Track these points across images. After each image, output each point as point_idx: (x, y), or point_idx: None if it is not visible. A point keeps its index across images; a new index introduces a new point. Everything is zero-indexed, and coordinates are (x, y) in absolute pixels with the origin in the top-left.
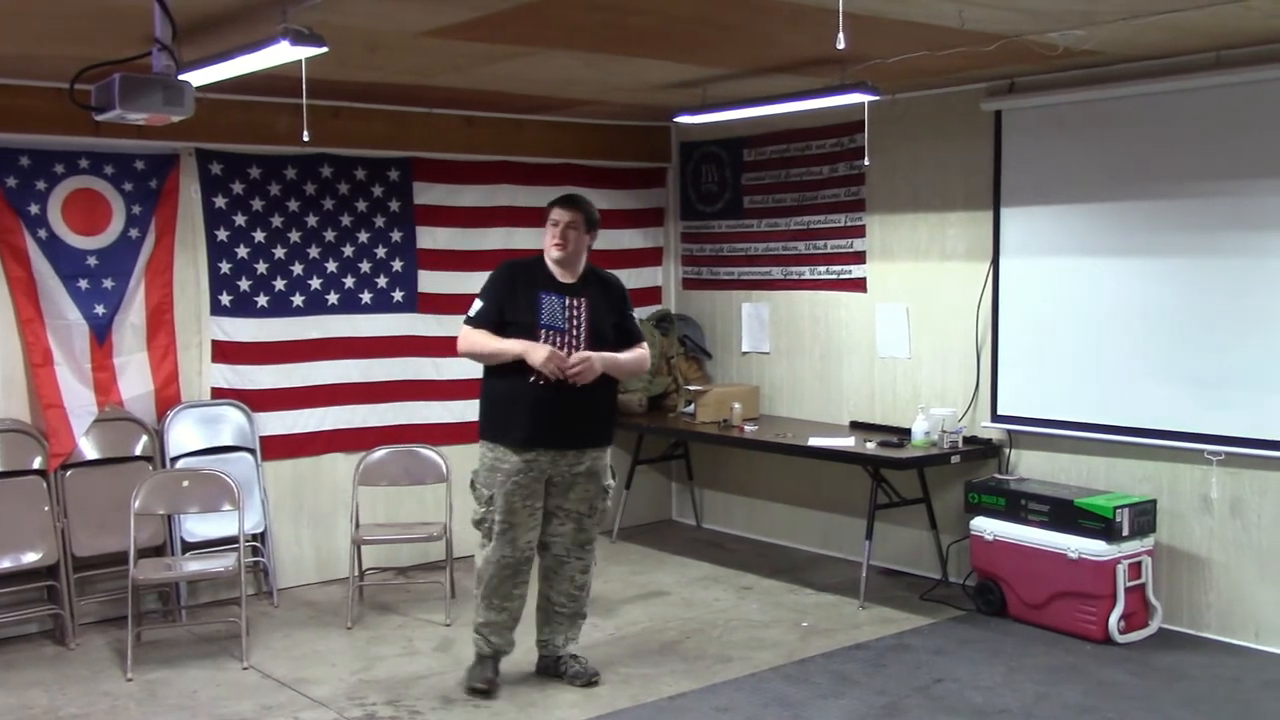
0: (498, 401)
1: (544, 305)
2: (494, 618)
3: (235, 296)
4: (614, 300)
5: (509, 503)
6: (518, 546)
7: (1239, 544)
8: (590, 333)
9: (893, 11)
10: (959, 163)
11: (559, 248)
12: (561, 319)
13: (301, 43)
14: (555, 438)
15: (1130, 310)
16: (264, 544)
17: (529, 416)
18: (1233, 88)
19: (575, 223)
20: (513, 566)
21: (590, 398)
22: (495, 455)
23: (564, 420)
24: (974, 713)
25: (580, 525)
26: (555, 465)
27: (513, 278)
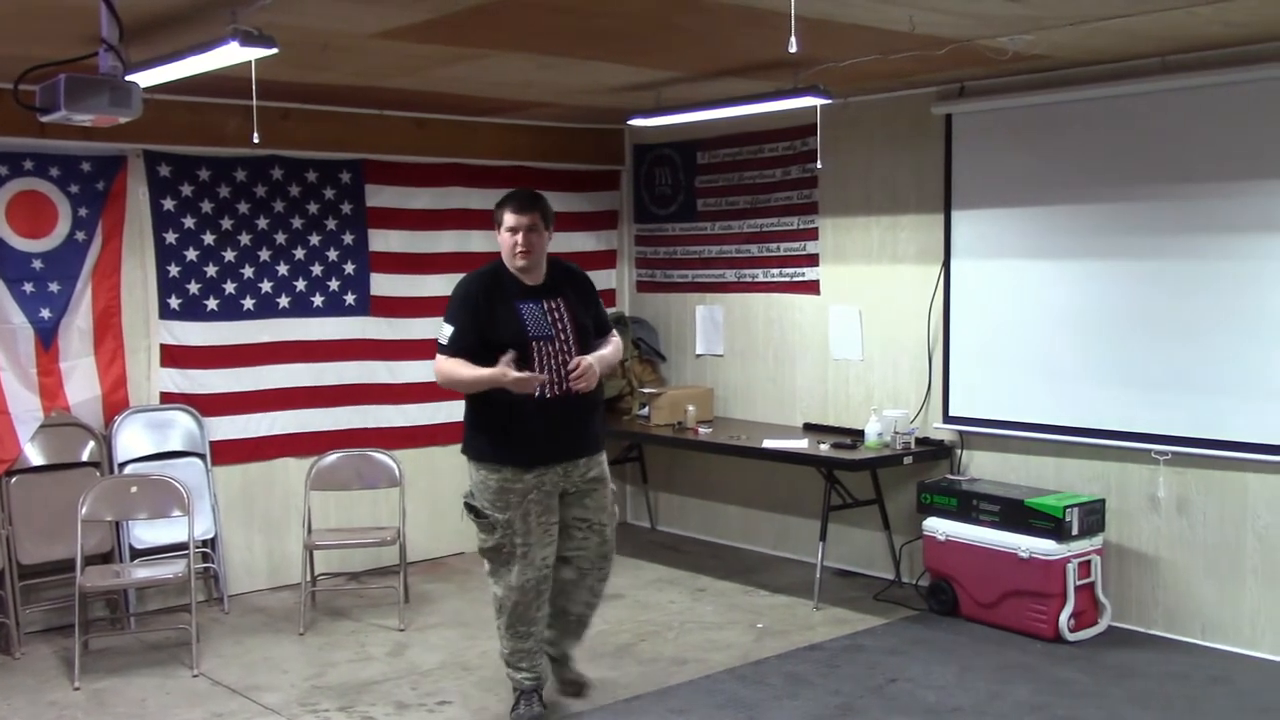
0: (497, 422)
1: (525, 316)
2: (521, 645)
3: (184, 300)
4: (585, 294)
5: (525, 524)
6: (537, 565)
7: (1186, 542)
8: (577, 334)
9: (844, 15)
10: (910, 166)
11: (524, 255)
12: (547, 325)
13: (251, 44)
14: (564, 450)
15: (1079, 312)
16: (214, 550)
17: (535, 433)
18: (1179, 93)
19: (535, 224)
20: (535, 588)
21: (589, 402)
22: (502, 477)
23: (570, 430)
24: (927, 712)
25: (602, 536)
26: (568, 477)
27: (480, 293)
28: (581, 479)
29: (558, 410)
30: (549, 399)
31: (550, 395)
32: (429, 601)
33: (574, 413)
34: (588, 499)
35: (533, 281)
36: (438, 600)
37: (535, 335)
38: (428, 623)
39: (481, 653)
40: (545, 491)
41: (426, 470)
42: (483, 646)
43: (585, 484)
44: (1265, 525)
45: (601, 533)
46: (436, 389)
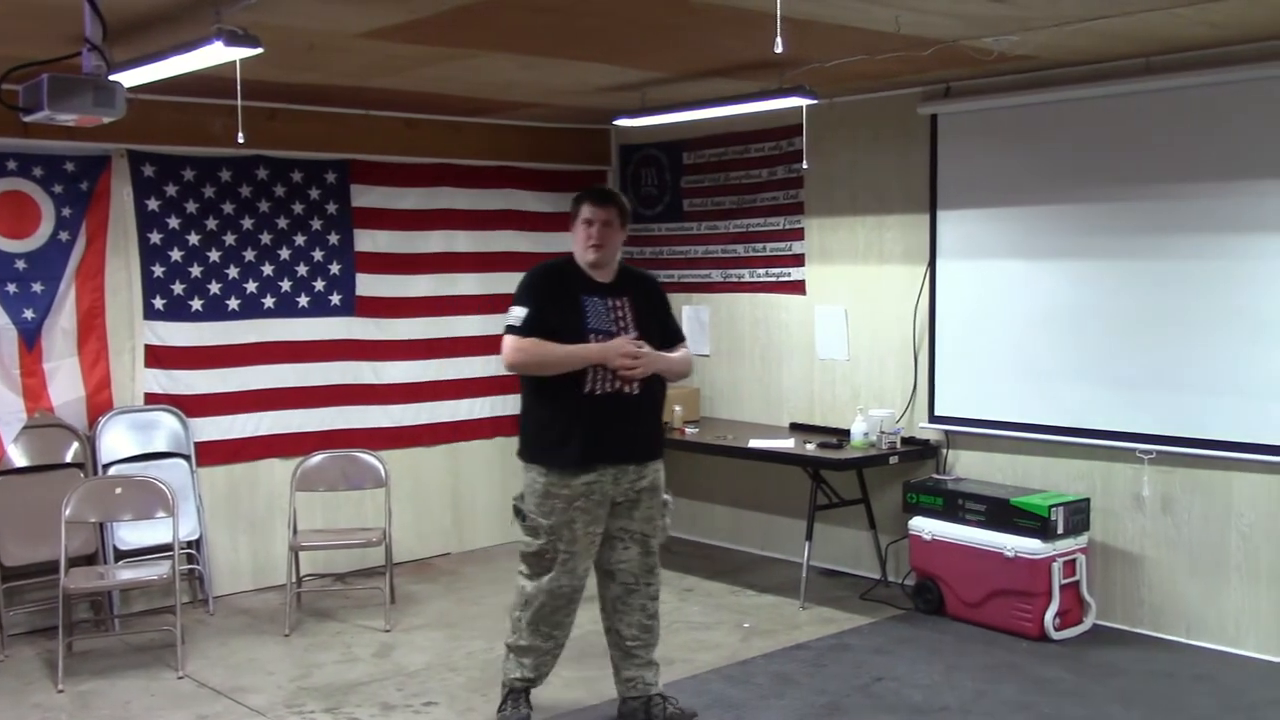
0: (548, 420)
1: (588, 309)
2: (540, 644)
3: (169, 300)
4: (654, 299)
5: (571, 531)
6: (577, 575)
7: (1170, 541)
8: (638, 333)
9: (830, 16)
10: (896, 166)
11: (596, 249)
12: (608, 322)
13: (236, 43)
14: (616, 453)
15: (1064, 312)
16: (199, 551)
17: (586, 432)
18: (1162, 93)
19: (611, 220)
20: (568, 596)
21: (646, 404)
22: (549, 480)
23: (623, 432)
24: (913, 711)
25: (646, 548)
26: (617, 484)
27: (550, 281)
28: (631, 487)
29: (610, 408)
30: (600, 395)
31: (601, 392)
32: (415, 602)
33: (628, 413)
34: (635, 509)
35: (602, 279)
36: (424, 601)
37: (594, 329)
38: (413, 624)
39: (468, 654)
40: (594, 500)
41: (412, 471)
42: (469, 647)
43: (635, 493)
44: (1249, 524)
45: (645, 544)
46: (423, 390)
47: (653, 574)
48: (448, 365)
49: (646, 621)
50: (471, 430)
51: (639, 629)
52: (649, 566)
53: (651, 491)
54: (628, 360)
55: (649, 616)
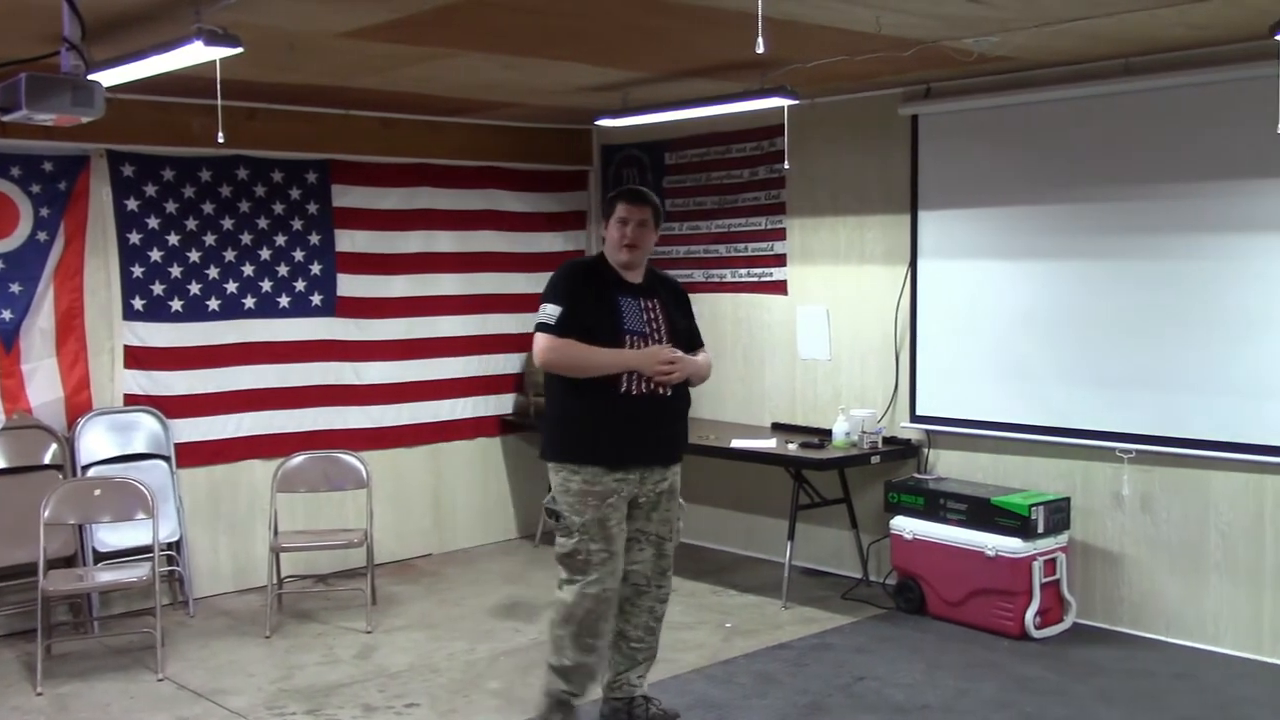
0: (584, 418)
1: (624, 310)
2: (584, 659)
3: (149, 301)
4: (681, 302)
5: (605, 529)
6: (616, 575)
7: (1150, 539)
8: (671, 336)
9: (811, 16)
10: (877, 166)
11: (630, 249)
12: (642, 324)
13: (216, 43)
14: (648, 454)
15: (1044, 312)
16: (179, 553)
17: (622, 431)
18: (1141, 94)
19: (646, 220)
20: (610, 600)
21: (678, 406)
22: (584, 477)
23: (656, 433)
24: (895, 710)
25: (660, 550)
26: (642, 484)
27: (584, 279)
28: (654, 489)
29: (646, 409)
30: (634, 395)
31: (637, 392)
32: (396, 603)
33: (664, 415)
34: (654, 511)
35: (633, 279)
36: (405, 602)
37: (631, 330)
38: (395, 625)
39: (449, 655)
40: (623, 497)
41: (393, 472)
42: (450, 648)
43: (656, 495)
44: (1228, 522)
45: (660, 547)
46: (404, 390)
47: (665, 576)
48: (429, 366)
49: (652, 624)
50: (453, 431)
51: (644, 630)
52: (662, 569)
53: (671, 494)
54: (665, 368)
55: (656, 619)
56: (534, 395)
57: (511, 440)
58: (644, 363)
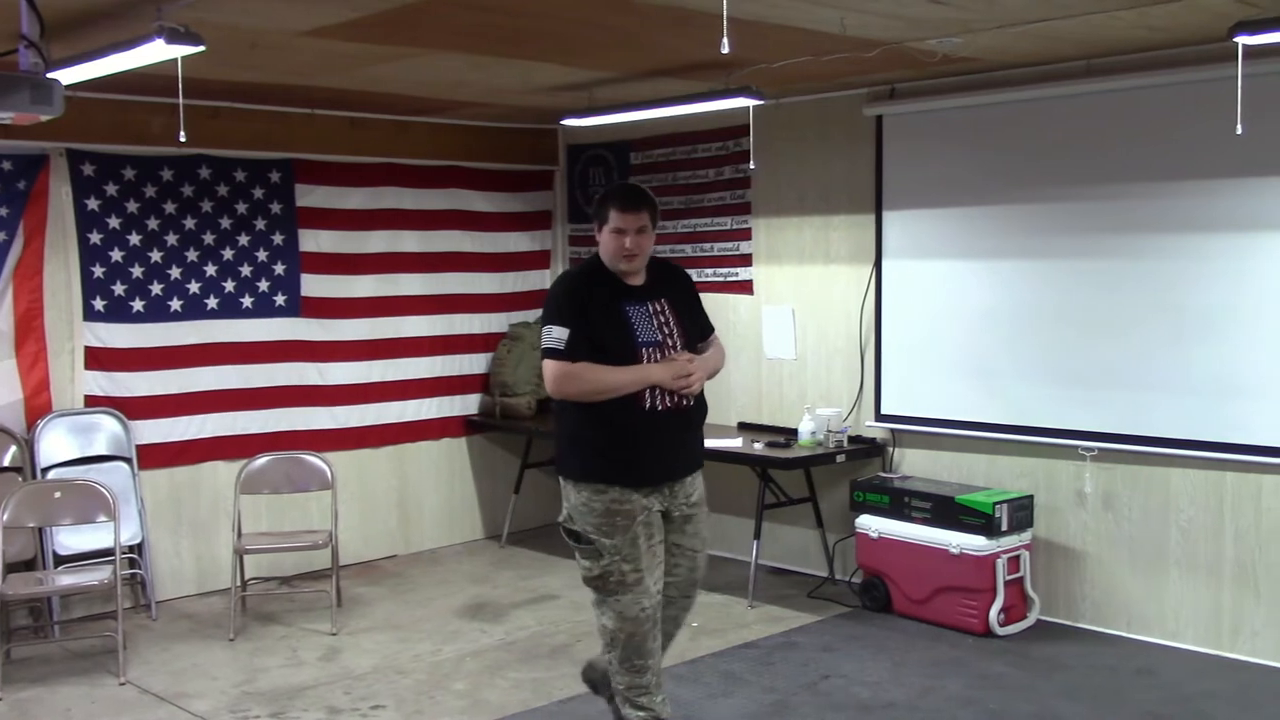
0: (608, 436)
1: (634, 320)
2: (638, 680)
3: (110, 301)
4: (687, 294)
5: (634, 549)
6: (651, 593)
7: (1111, 537)
8: (685, 339)
9: (776, 17)
10: (842, 167)
11: (630, 258)
12: (654, 330)
13: (177, 41)
14: (673, 467)
15: (1007, 311)
16: (141, 555)
17: (650, 448)
18: (1103, 95)
19: (645, 225)
20: (650, 617)
21: (700, 415)
22: (612, 497)
23: (679, 445)
24: (860, 708)
25: (694, 563)
26: (673, 498)
27: (586, 294)
28: (686, 501)
29: (670, 422)
30: (659, 410)
31: (662, 407)
32: (362, 605)
33: (687, 425)
34: (688, 524)
35: (635, 282)
36: (371, 603)
37: (645, 342)
38: (360, 626)
39: (415, 656)
40: (654, 512)
41: (358, 473)
42: (416, 650)
43: (689, 507)
44: (1188, 519)
45: (694, 559)
46: (368, 391)
47: (694, 588)
48: (394, 366)
49: (671, 630)
50: (418, 431)
51: (665, 638)
52: (693, 581)
53: (700, 504)
54: (686, 380)
55: (675, 626)
56: (500, 395)
57: (477, 440)
58: (665, 377)
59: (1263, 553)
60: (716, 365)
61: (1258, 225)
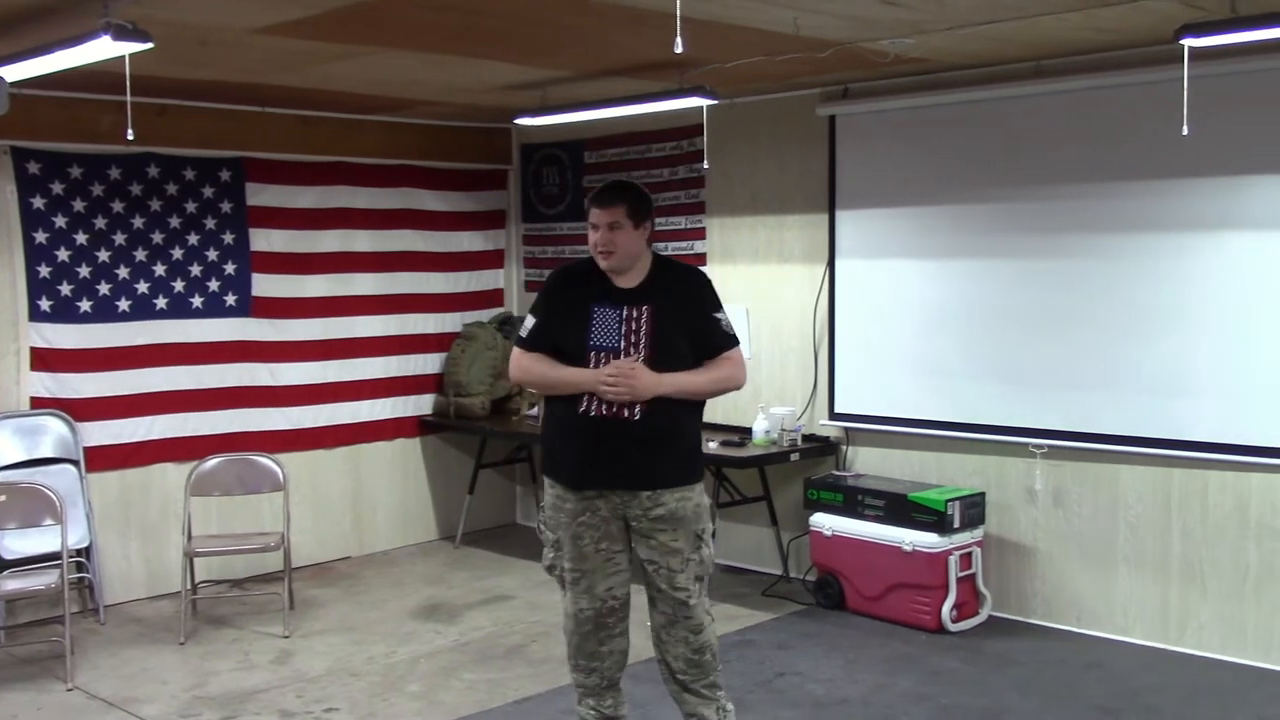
0: (552, 432)
1: (595, 321)
2: (583, 680)
3: (56, 301)
4: (687, 306)
5: (577, 547)
6: (595, 595)
7: (1061, 533)
8: (653, 348)
9: (729, 17)
10: (796, 166)
11: (604, 256)
12: (616, 336)
13: (124, 38)
14: (611, 477)
15: (959, 310)
16: (89, 559)
17: (579, 450)
18: (1052, 96)
19: (618, 220)
20: (593, 620)
21: (659, 427)
22: (556, 493)
23: (619, 456)
24: (815, 704)
25: (673, 582)
26: (629, 507)
27: (562, 289)
28: (645, 514)
29: (604, 431)
30: (592, 415)
31: (595, 413)
32: (315, 607)
33: (625, 437)
34: (652, 539)
35: (626, 284)
36: (324, 605)
37: (596, 345)
38: (313, 629)
39: (369, 658)
40: (601, 516)
41: (311, 474)
42: (370, 652)
43: (650, 521)
44: (1136, 515)
45: (672, 578)
46: (321, 391)
47: (685, 608)
48: (347, 366)
49: (692, 655)
50: (372, 432)
51: (685, 662)
52: (680, 599)
53: (672, 521)
54: (606, 387)
55: (695, 651)
56: (454, 395)
57: (431, 441)
58: (590, 381)
59: (1209, 548)
60: (690, 386)
61: (1203, 225)
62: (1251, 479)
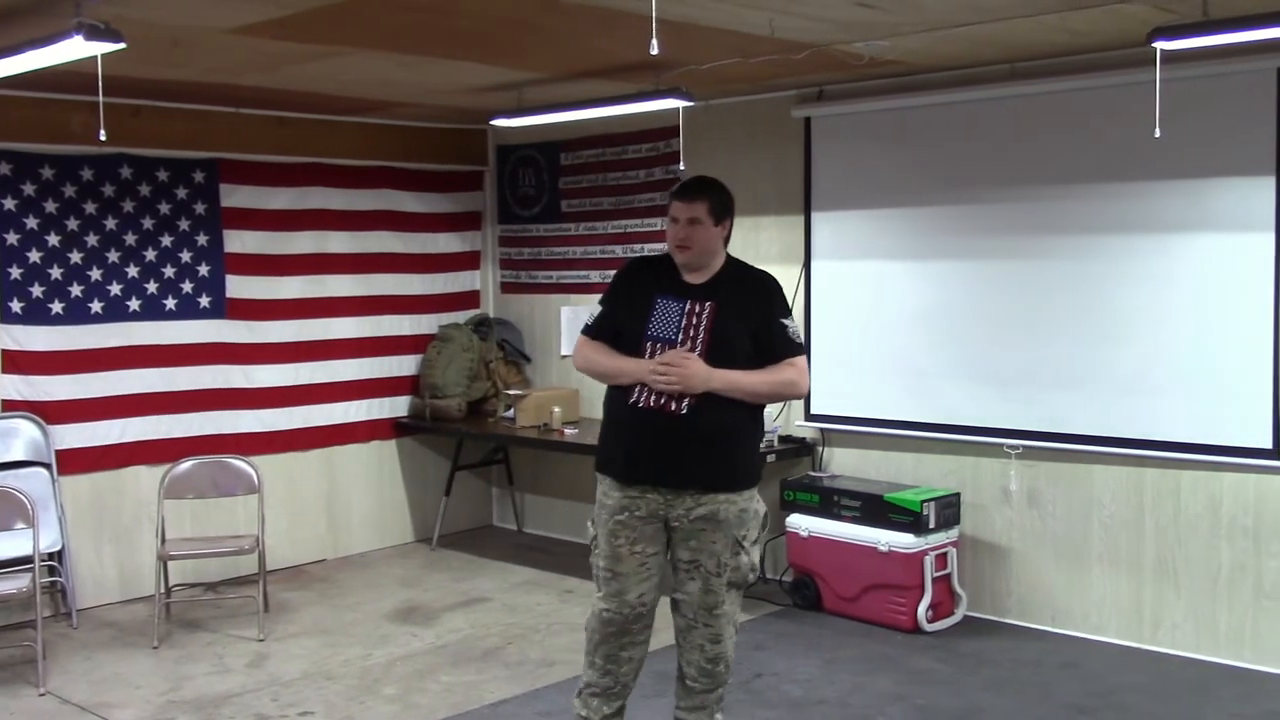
0: (605, 425)
1: (657, 312)
2: (596, 679)
3: (27, 303)
4: (756, 305)
5: (611, 546)
6: (625, 601)
7: (1036, 533)
8: (710, 344)
9: (705, 19)
10: (771, 168)
11: (681, 250)
12: (675, 328)
13: (96, 38)
14: (658, 474)
15: (934, 311)
16: (61, 563)
17: (628, 446)
18: (1026, 98)
19: (699, 216)
20: (619, 624)
21: (708, 425)
22: (602, 489)
23: (668, 452)
24: (792, 705)
25: (707, 585)
26: (671, 507)
27: (632, 279)
28: (687, 515)
29: (655, 424)
30: (640, 407)
31: (643, 404)
32: (290, 610)
33: (678, 433)
34: (693, 540)
35: (695, 280)
36: (299, 609)
37: (653, 335)
38: (288, 632)
39: (344, 661)
40: (639, 517)
41: (286, 476)
42: (346, 654)
43: (690, 522)
44: (1110, 515)
45: (707, 581)
46: (296, 393)
47: (713, 614)
48: (322, 368)
49: (705, 664)
50: (347, 434)
51: (697, 670)
52: (709, 605)
53: (712, 523)
54: (656, 376)
55: (709, 660)
56: (429, 397)
57: (407, 443)
58: (641, 370)
59: (1182, 547)
60: (746, 385)
61: (1175, 227)
62: (1223, 478)
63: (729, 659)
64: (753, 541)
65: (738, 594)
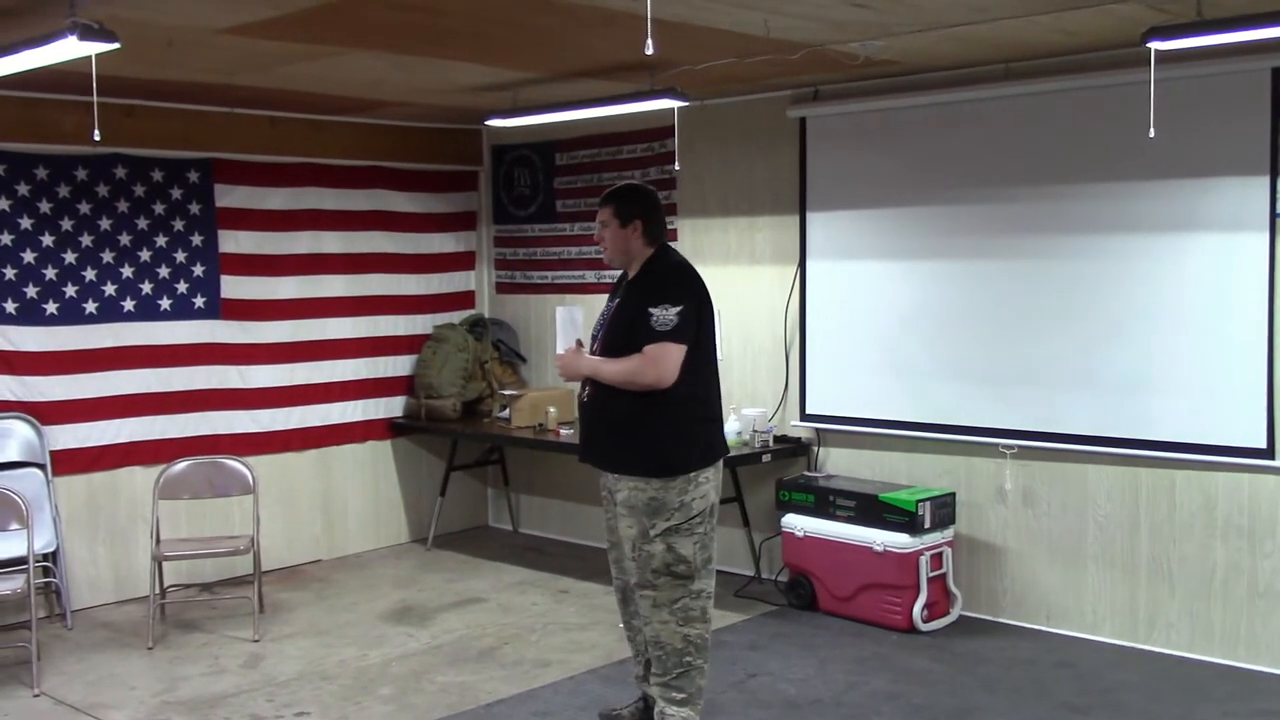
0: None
1: (603, 313)
2: (632, 637)
3: (21, 304)
4: (639, 296)
5: (606, 522)
6: (623, 569)
7: (1031, 533)
8: (605, 336)
9: (700, 19)
10: (766, 168)
11: (602, 251)
12: (599, 325)
13: (90, 38)
14: (592, 457)
15: (930, 311)
16: (56, 564)
17: (580, 432)
18: (1021, 98)
19: (605, 219)
20: (621, 591)
21: (601, 410)
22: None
23: (585, 434)
24: (787, 705)
25: (621, 566)
26: (611, 487)
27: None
28: (613, 496)
29: (580, 411)
30: (578, 399)
31: (578, 395)
32: (285, 611)
33: (586, 417)
34: (617, 520)
35: (629, 278)
36: (294, 609)
37: (594, 333)
38: (283, 632)
39: (340, 661)
40: (605, 494)
41: (280, 477)
42: (341, 655)
43: (616, 504)
44: (1104, 514)
45: (620, 563)
46: (291, 393)
47: (640, 593)
48: (317, 368)
49: (648, 631)
50: (342, 434)
51: (648, 644)
52: (635, 584)
53: (625, 506)
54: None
55: (650, 641)
56: (424, 397)
57: (402, 443)
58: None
59: (1176, 546)
60: (604, 371)
61: (1169, 227)
62: (1218, 478)
63: (670, 646)
64: (662, 533)
65: (672, 582)
